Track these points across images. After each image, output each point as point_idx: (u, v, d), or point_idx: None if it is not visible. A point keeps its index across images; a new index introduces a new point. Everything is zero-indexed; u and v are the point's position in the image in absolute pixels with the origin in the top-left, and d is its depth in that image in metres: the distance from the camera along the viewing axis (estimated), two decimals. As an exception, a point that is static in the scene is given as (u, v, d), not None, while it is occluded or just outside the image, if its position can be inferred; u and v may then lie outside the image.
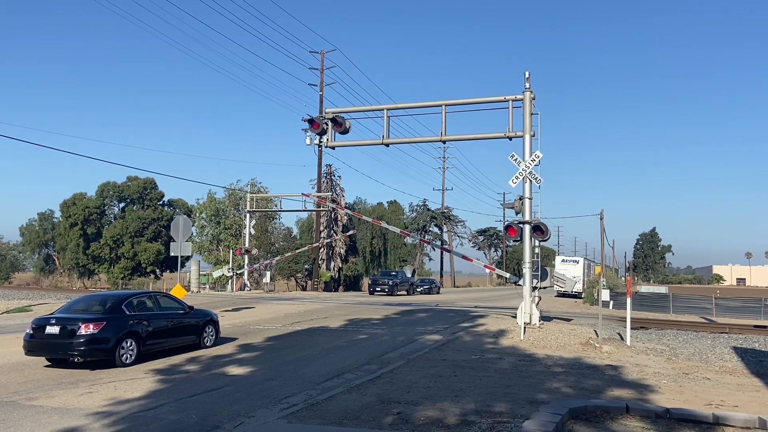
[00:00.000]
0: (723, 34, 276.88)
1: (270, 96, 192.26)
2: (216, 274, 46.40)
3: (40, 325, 12.63)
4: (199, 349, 14.99)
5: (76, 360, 12.34)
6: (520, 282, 19.29)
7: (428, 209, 79.83)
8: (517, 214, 19.55)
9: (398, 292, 43.91)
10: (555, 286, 21.02)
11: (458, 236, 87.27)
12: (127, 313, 13.24)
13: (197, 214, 63.49)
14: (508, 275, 23.70)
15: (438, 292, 53.45)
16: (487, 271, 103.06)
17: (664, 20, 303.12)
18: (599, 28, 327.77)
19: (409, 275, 52.97)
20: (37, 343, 12.54)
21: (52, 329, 12.43)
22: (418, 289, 51.95)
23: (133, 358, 12.86)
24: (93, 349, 12.24)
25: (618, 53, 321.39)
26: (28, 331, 12.78)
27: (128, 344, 12.83)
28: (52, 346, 12.43)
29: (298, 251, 51.83)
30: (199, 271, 48.65)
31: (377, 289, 43.64)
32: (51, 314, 13.28)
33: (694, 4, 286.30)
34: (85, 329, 12.20)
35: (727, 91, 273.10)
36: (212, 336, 15.65)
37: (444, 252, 79.44)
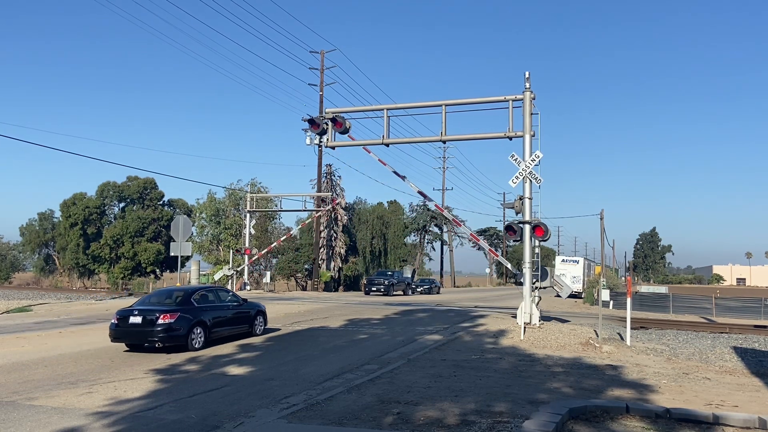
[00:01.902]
0: (723, 35, 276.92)
1: (270, 96, 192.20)
2: (217, 276, 46.37)
3: (123, 315, 14.53)
4: (251, 336, 17.01)
5: (157, 345, 14.24)
6: (521, 280, 19.29)
7: (428, 209, 79.70)
8: (517, 214, 19.54)
9: (394, 292, 43.45)
10: (555, 287, 21.00)
11: (458, 236, 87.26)
12: (196, 305, 15.41)
13: (197, 214, 63.47)
14: (509, 264, 23.54)
15: (438, 292, 53.31)
16: (487, 271, 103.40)
17: (665, 21, 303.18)
18: (600, 28, 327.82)
19: (408, 275, 52.82)
20: (121, 331, 14.43)
21: (135, 319, 14.37)
22: (418, 289, 51.69)
23: (201, 343, 14.91)
24: (170, 336, 14.21)
25: (618, 54, 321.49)
26: (113, 321, 14.67)
27: (197, 332, 14.88)
28: (135, 334, 14.37)
29: (283, 238, 52.09)
30: (199, 271, 48.64)
31: (373, 289, 43.13)
32: (132, 306, 15.25)
33: (694, 5, 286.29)
34: (163, 319, 14.21)
35: (727, 91, 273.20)
36: (261, 325, 17.90)
37: (443, 252, 79.55)
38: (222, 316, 16.17)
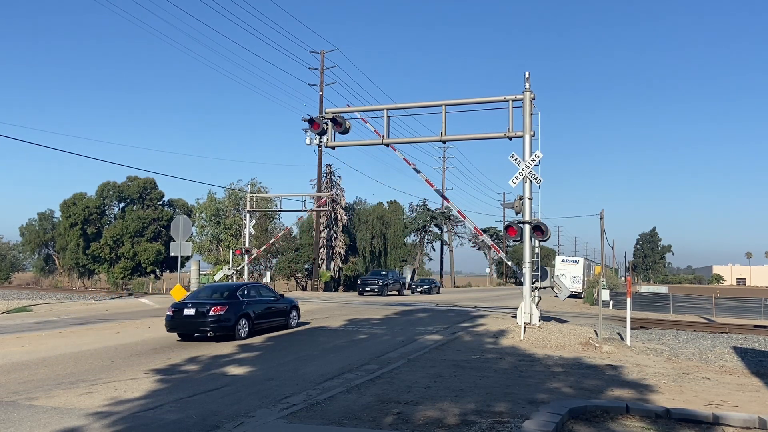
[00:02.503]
0: (724, 36, 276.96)
1: (270, 96, 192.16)
2: (218, 276, 46.35)
3: (178, 308, 16.61)
4: (287, 328, 19.15)
5: (209, 334, 16.31)
6: (522, 279, 19.29)
7: (428, 209, 79.76)
8: (517, 214, 19.54)
9: (389, 293, 42.74)
10: (554, 288, 21.00)
11: (458, 236, 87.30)
12: (241, 299, 17.35)
13: (197, 214, 63.46)
14: (510, 262, 23.48)
15: (438, 292, 53.22)
16: (487, 271, 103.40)
17: (665, 21, 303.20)
18: (600, 28, 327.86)
19: (404, 275, 52.70)
20: (176, 322, 16.46)
21: (189, 311, 16.35)
22: (417, 289, 51.56)
23: (246, 333, 16.93)
24: (220, 326, 16.17)
25: (618, 54, 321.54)
26: (168, 313, 16.69)
27: (243, 323, 16.88)
28: (189, 324, 16.37)
29: (281, 233, 52.12)
30: (199, 271, 48.64)
31: (366, 289, 42.32)
32: (184, 300, 17.36)
33: (694, 6, 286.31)
34: (214, 311, 16.21)
35: (727, 91, 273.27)
36: (295, 318, 19.99)
37: (443, 252, 79.53)
38: (263, 310, 18.21)
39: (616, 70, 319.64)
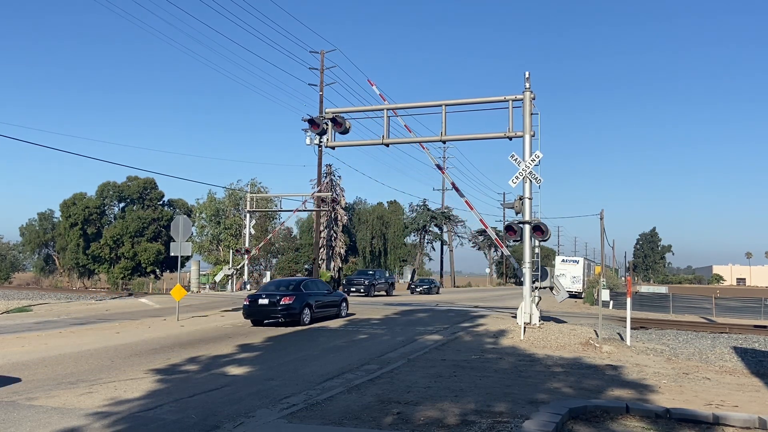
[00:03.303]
0: (724, 36, 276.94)
1: (270, 96, 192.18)
2: (218, 277, 46.34)
3: (254, 298, 20.07)
4: (338, 318, 22.28)
5: (279, 320, 19.85)
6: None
7: (428, 209, 79.77)
8: (517, 214, 19.54)
9: (376, 293, 41.57)
10: (553, 290, 21.00)
11: (458, 236, 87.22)
12: (304, 291, 20.71)
13: (197, 214, 63.49)
14: (512, 258, 23.03)
15: (437, 292, 53.08)
16: (487, 271, 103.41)
17: (666, 21, 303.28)
18: (600, 28, 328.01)
19: (408, 275, 52.54)
20: (252, 309, 19.93)
21: (263, 301, 19.85)
22: (417, 289, 51.33)
23: (308, 320, 20.32)
24: (288, 313, 19.58)
25: (619, 54, 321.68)
26: (245, 303, 20.16)
27: (306, 311, 20.17)
28: (263, 312, 19.87)
29: (278, 228, 51.80)
30: (199, 271, 48.69)
31: (352, 289, 40.82)
32: (258, 292, 20.81)
33: (695, 6, 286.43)
34: (284, 301, 19.66)
35: (726, 92, 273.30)
36: (345, 310, 23.37)
37: (443, 252, 79.50)
38: (320, 301, 21.56)
39: (616, 70, 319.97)
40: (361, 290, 40.89)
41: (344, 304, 23.35)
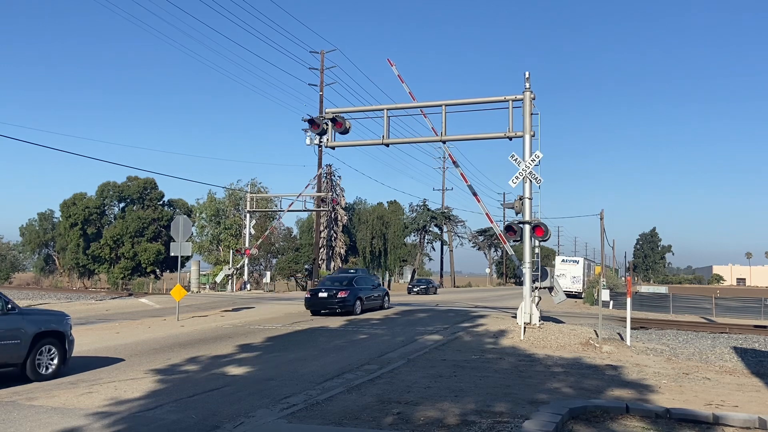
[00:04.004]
0: (724, 36, 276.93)
1: (270, 96, 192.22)
2: (219, 277, 46.32)
3: (315, 292, 23.89)
4: (382, 309, 25.89)
5: (336, 311, 23.01)
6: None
7: (428, 209, 79.78)
8: (517, 214, 19.53)
9: None
10: (551, 292, 20.99)
11: (458, 236, 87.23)
12: (356, 286, 24.28)
13: (197, 214, 63.48)
14: (514, 255, 22.77)
15: (435, 293, 52.62)
16: (487, 271, 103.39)
17: (666, 21, 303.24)
18: (600, 28, 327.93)
19: (408, 275, 52.13)
20: (313, 301, 23.50)
21: (323, 294, 23.34)
22: (414, 290, 50.68)
23: (360, 311, 23.70)
24: (344, 305, 23.05)
25: (619, 54, 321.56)
26: (307, 295, 24.29)
27: (357, 303, 23.63)
28: (322, 303, 23.25)
29: (275, 222, 51.45)
30: (200, 271, 48.68)
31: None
32: (318, 286, 25.05)
33: (695, 7, 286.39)
34: (340, 294, 23.19)
35: (726, 91, 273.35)
36: (387, 302, 27.23)
37: (443, 252, 79.43)
38: (369, 295, 25.15)
39: (616, 71, 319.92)
40: None
41: (386, 298, 27.31)
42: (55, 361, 11.31)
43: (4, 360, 10.42)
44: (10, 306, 10.70)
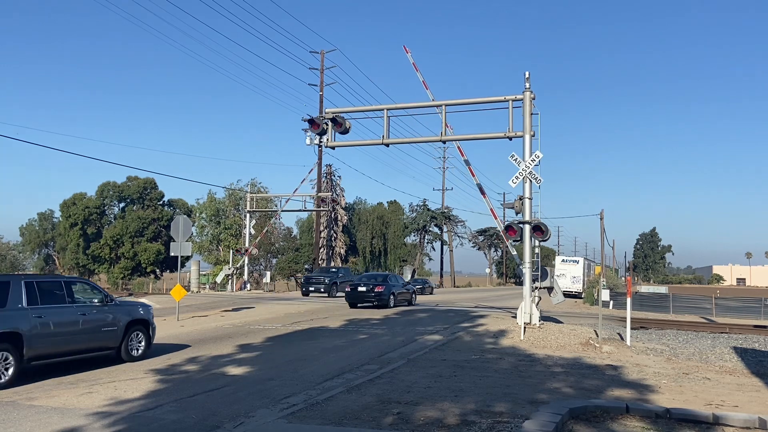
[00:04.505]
0: (724, 36, 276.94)
1: (270, 96, 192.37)
2: (219, 277, 46.30)
3: (355, 286, 27.34)
4: (411, 305, 29.33)
5: (373, 304, 26.54)
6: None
7: (428, 209, 79.79)
8: (517, 214, 19.52)
9: (339, 293, 36.02)
10: (549, 292, 20.99)
11: (458, 236, 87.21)
12: (390, 283, 27.93)
13: (197, 214, 63.48)
14: (515, 252, 22.52)
15: (431, 293, 50.73)
16: (487, 271, 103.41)
17: (666, 21, 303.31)
18: (600, 29, 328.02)
19: (408, 275, 51.50)
20: (353, 294, 27.04)
21: (362, 288, 27.00)
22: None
23: (393, 304, 27.15)
24: (380, 298, 26.51)
25: (619, 54, 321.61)
26: (347, 289, 27.89)
27: (391, 298, 27.21)
28: (361, 297, 26.83)
29: (272, 220, 51.33)
30: (199, 271, 48.67)
31: (311, 288, 36.06)
32: (357, 281, 28.43)
33: (694, 7, 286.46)
34: (377, 289, 26.70)
35: (726, 91, 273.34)
36: (415, 299, 30.88)
37: (443, 252, 79.46)
38: (400, 291, 28.70)
39: (616, 71, 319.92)
40: (321, 289, 35.80)
41: (414, 295, 30.81)
42: (143, 345, 13.44)
43: (106, 344, 12.54)
44: (108, 299, 12.72)
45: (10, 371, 10.32)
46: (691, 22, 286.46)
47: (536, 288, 19.03)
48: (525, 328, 17.55)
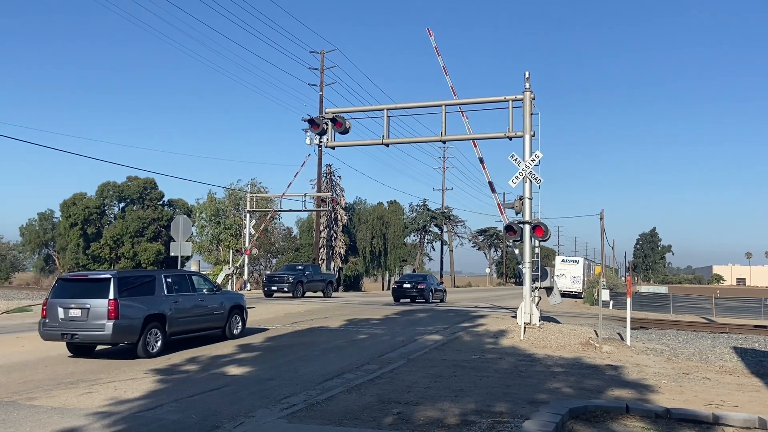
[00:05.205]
0: (724, 36, 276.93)
1: (270, 96, 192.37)
2: (220, 278, 46.20)
3: (400, 284, 33.56)
4: (442, 302, 34.74)
5: (416, 300, 32.25)
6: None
7: (428, 209, 79.77)
8: (517, 214, 19.52)
9: (308, 293, 33.78)
10: (547, 293, 20.98)
11: (458, 236, 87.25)
12: (428, 281, 34.07)
13: (197, 214, 63.40)
14: (516, 251, 22.11)
15: None
16: (487, 271, 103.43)
17: (666, 22, 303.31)
18: (600, 29, 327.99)
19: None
20: (399, 291, 33.01)
21: (407, 285, 32.99)
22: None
23: (431, 299, 33.00)
24: (421, 294, 32.32)
25: (619, 55, 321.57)
26: (393, 286, 35.09)
27: (430, 294, 33.06)
28: (405, 293, 32.62)
29: (269, 217, 50.94)
30: (199, 271, 48.56)
31: (273, 288, 32.86)
32: (401, 280, 34.42)
33: (693, 8, 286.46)
34: (419, 286, 32.67)
35: (726, 92, 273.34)
36: (445, 296, 36.62)
37: (443, 252, 79.41)
38: (436, 288, 34.95)
39: (616, 71, 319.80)
40: (285, 289, 32.49)
41: (445, 294, 36.56)
42: (240, 326, 16.82)
43: (216, 324, 15.81)
44: (215, 288, 16.12)
45: (159, 343, 13.57)
46: (692, 23, 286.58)
47: (536, 288, 19.03)
48: (525, 328, 17.55)
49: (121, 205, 67.89)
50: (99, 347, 14.01)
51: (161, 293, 13.83)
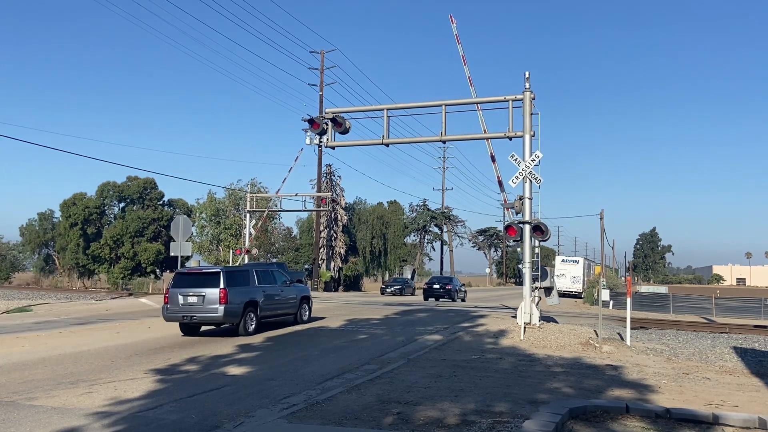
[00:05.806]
0: (724, 36, 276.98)
1: (270, 96, 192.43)
2: None
3: (430, 285, 40.87)
4: (463, 301, 39.29)
5: (444, 298, 39.35)
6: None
7: (428, 209, 79.83)
8: (517, 213, 19.52)
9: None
10: (546, 293, 20.98)
11: (458, 236, 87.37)
12: (454, 283, 41.33)
13: (197, 214, 63.43)
14: (517, 249, 21.98)
15: (412, 294, 48.97)
16: (487, 271, 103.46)
17: (665, 23, 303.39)
18: (600, 29, 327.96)
19: (408, 275, 51.02)
20: (430, 291, 40.02)
21: (436, 286, 40.35)
22: (388, 290, 46.68)
23: (456, 298, 39.63)
24: (449, 294, 39.54)
25: (619, 55, 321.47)
26: (424, 287, 41.90)
27: (455, 293, 39.92)
28: (435, 293, 39.75)
29: (266, 213, 50.38)
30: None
31: None
32: (431, 281, 42.49)
33: (693, 9, 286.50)
34: (447, 287, 39.96)
35: (726, 92, 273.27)
36: (465, 295, 42.56)
37: (443, 252, 79.40)
38: (459, 290, 40.95)
39: (616, 71, 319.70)
40: None
41: (465, 294, 42.56)
42: (308, 314, 20.31)
43: (291, 311, 19.31)
44: (288, 282, 19.37)
45: (254, 325, 17.00)
46: (691, 23, 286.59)
47: (536, 288, 19.03)
48: (525, 328, 17.55)
49: (121, 205, 67.87)
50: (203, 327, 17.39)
51: (254, 284, 17.09)
